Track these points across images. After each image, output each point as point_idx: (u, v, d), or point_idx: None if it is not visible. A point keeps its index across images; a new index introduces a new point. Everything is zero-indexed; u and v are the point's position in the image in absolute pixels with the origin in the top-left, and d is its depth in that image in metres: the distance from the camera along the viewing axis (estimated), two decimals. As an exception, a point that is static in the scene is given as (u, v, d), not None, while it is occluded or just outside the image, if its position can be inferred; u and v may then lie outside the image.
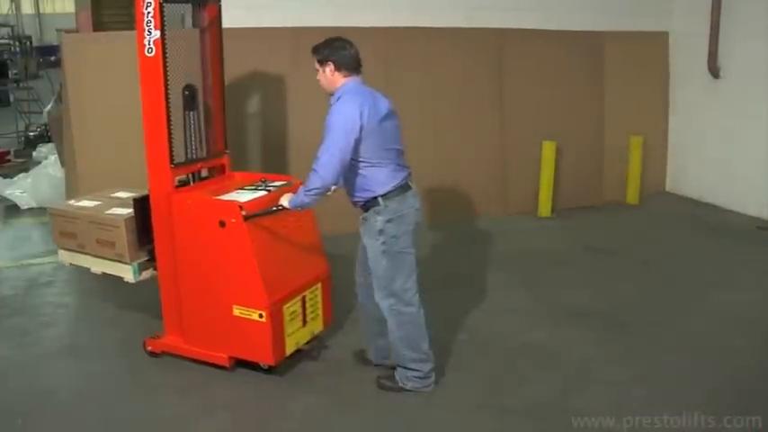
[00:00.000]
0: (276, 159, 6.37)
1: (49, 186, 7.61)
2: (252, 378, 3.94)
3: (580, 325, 4.62)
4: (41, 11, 39.62)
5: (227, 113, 4.35)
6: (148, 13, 3.66)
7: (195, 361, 3.99)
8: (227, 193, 3.95)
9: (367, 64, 6.62)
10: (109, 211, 4.17)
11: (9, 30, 25.34)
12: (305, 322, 3.96)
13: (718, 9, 7.13)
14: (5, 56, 20.70)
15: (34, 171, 8.13)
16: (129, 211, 4.07)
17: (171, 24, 3.84)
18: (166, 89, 3.77)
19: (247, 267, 3.65)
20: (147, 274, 4.16)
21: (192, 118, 4.06)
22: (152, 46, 3.71)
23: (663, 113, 7.99)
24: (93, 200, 4.45)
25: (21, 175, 8.28)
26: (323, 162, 3.44)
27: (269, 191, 3.96)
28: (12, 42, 24.55)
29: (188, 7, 4.23)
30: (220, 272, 3.73)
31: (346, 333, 4.45)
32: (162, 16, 3.67)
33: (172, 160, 3.84)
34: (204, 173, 4.29)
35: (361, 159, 3.48)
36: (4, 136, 12.11)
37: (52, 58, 23.60)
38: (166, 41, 3.74)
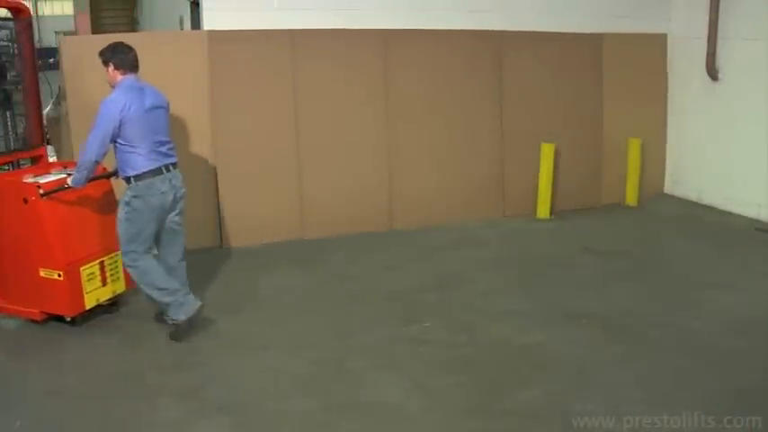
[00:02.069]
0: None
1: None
2: (248, 381, 3.95)
3: (579, 326, 4.62)
4: (40, 13, 39.62)
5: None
6: None
7: (14, 316, 4.64)
8: (35, 176, 4.57)
9: (366, 65, 6.71)
10: None
11: (8, 32, 25.28)
12: (105, 283, 4.66)
13: (717, 11, 7.14)
14: (4, 58, 20.62)
15: (33, 173, 8.11)
16: None
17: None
18: None
19: (46, 235, 4.39)
20: None
21: (7, 116, 4.84)
22: None
23: (661, 115, 8.00)
24: None
25: (19, 177, 8.26)
26: (87, 143, 4.15)
27: (69, 174, 4.50)
28: (10, 44, 24.46)
29: (186, 10, 4.31)
30: (28, 240, 4.44)
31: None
32: None
33: None
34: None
35: (123, 143, 4.16)
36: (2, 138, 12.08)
37: (51, 61, 23.61)
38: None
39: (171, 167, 4.32)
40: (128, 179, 4.23)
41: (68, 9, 30.38)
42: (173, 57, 6.02)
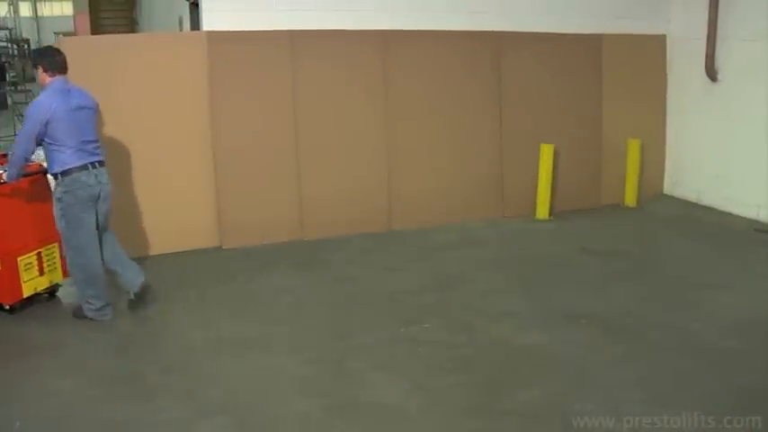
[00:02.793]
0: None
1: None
2: (248, 381, 3.96)
3: (579, 327, 4.62)
4: (39, 14, 39.63)
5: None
6: None
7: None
8: None
9: (366, 65, 6.71)
10: None
11: (7, 32, 25.37)
12: (42, 272, 4.92)
13: (716, 12, 7.16)
14: (3, 59, 20.70)
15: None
16: None
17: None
18: None
19: None
20: None
21: None
22: None
23: (661, 116, 8.01)
24: None
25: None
26: (17, 141, 4.50)
27: (5, 171, 4.69)
28: (9, 45, 24.58)
29: (186, 11, 4.29)
30: None
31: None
32: None
33: None
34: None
35: (50, 142, 4.42)
36: (1, 139, 12.11)
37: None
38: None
39: (97, 164, 4.57)
40: (55, 176, 4.50)
41: (68, 10, 30.38)
42: (172, 57, 6.03)
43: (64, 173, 4.44)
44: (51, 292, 5.11)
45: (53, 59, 4.52)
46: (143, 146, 5.94)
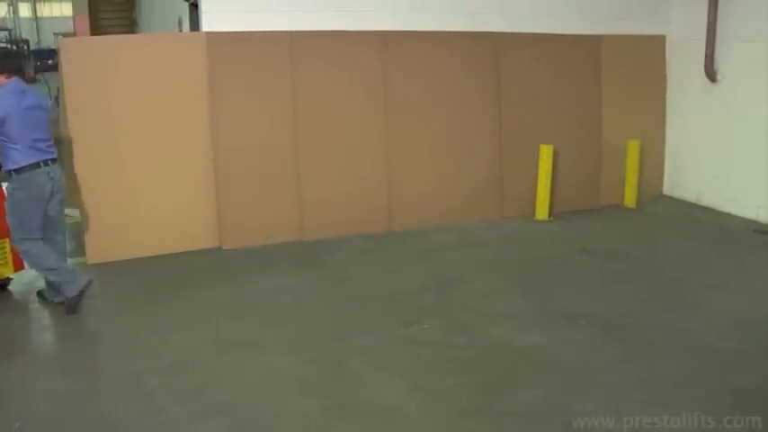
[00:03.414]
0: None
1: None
2: (248, 382, 3.95)
3: (579, 328, 4.62)
4: (39, 14, 39.65)
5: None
6: None
7: None
8: None
9: (366, 66, 6.72)
10: None
11: (6, 33, 25.40)
12: None
13: (715, 12, 7.16)
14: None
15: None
16: None
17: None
18: None
19: None
20: None
21: None
22: None
23: (660, 117, 8.01)
24: None
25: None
26: None
27: None
28: (9, 46, 24.60)
29: (185, 12, 4.27)
30: None
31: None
32: None
33: None
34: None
35: (4, 140, 4.60)
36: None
37: (50, 62, 23.63)
38: None
39: (50, 162, 4.76)
40: (9, 173, 4.69)
41: (67, 10, 30.38)
42: (172, 58, 6.03)
43: (17, 171, 4.63)
44: (2, 285, 5.25)
45: (8, 62, 4.79)
46: (143, 146, 5.94)
